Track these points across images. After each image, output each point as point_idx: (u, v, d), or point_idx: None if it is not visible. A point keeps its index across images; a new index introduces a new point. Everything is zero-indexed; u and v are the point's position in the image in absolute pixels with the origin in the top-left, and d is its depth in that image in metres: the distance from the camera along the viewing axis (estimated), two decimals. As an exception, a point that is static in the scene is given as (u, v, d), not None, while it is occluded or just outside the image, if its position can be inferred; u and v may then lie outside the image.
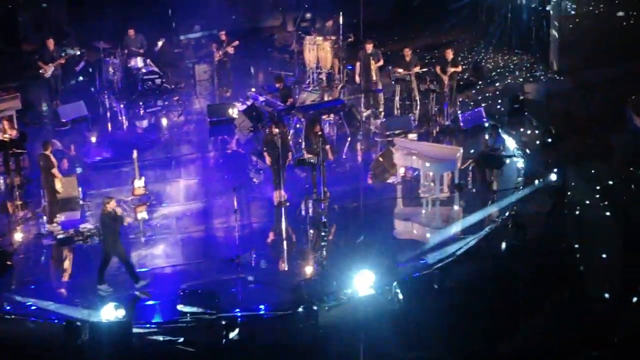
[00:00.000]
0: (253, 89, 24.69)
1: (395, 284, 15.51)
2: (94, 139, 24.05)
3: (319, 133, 19.53)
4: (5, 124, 20.94)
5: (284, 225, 19.02)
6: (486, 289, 15.98)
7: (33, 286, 16.65)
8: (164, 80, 26.54)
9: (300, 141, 21.45)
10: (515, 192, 19.51)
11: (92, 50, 27.46)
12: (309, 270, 17.26)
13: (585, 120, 22.65)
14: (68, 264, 17.86)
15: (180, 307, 15.32)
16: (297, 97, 24.43)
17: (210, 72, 27.72)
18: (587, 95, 24.02)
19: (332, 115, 23.39)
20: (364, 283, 15.58)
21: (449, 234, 18.07)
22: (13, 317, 15.63)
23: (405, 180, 20.47)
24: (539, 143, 21.97)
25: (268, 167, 19.76)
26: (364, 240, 17.87)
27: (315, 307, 14.98)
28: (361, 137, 23.50)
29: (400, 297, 15.33)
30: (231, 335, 14.61)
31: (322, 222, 18.50)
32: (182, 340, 14.78)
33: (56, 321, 15.30)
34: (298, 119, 22.51)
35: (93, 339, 14.32)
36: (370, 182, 20.80)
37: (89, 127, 24.50)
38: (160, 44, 27.37)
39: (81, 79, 27.60)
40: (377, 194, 20.34)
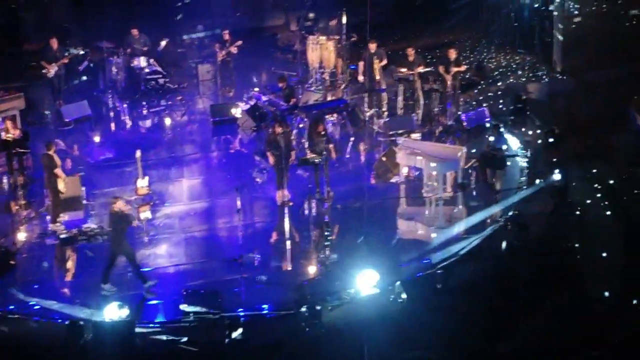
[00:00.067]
0: (256, 89, 24.69)
1: (398, 284, 15.52)
2: (97, 139, 24.08)
3: (322, 133, 19.55)
4: (8, 124, 20.97)
5: (287, 225, 19.04)
6: (486, 289, 16.01)
7: (36, 285, 16.68)
8: (167, 80, 26.57)
9: (303, 141, 21.47)
10: (518, 192, 19.50)
11: (95, 50, 27.44)
12: (312, 270, 17.29)
13: (588, 120, 22.62)
14: (71, 264, 17.90)
15: (183, 307, 15.33)
16: (300, 96, 24.44)
17: (213, 71, 27.71)
18: (590, 95, 24.01)
19: (335, 114, 23.41)
20: (367, 283, 15.60)
21: (452, 234, 18.07)
22: (16, 316, 15.65)
23: (408, 180, 20.48)
24: (541, 143, 21.96)
25: (271, 166, 19.78)
26: (367, 240, 17.86)
27: (318, 307, 14.99)
28: (364, 136, 23.51)
29: (404, 296, 15.33)
30: (234, 335, 14.62)
31: (325, 221, 18.51)
32: (185, 340, 14.80)
33: (59, 321, 15.31)
34: (301, 119, 22.51)
35: (96, 338, 14.34)
36: (374, 182, 20.81)
37: (92, 126, 24.56)
38: (163, 43, 27.38)
39: (84, 78, 27.61)
40: (380, 193, 20.34)
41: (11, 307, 15.88)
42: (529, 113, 23.74)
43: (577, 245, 17.49)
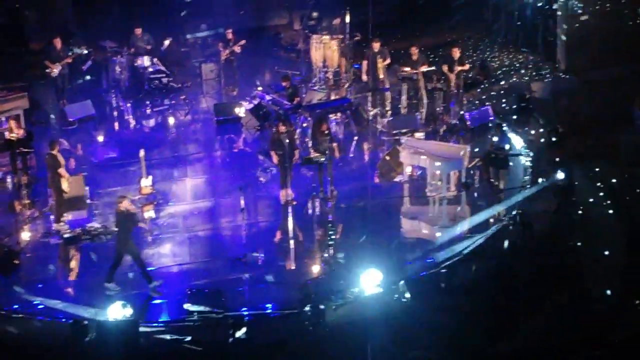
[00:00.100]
0: (260, 88, 24.69)
1: (402, 283, 15.51)
2: (100, 138, 24.08)
3: (325, 132, 19.56)
4: (12, 124, 21.00)
5: (290, 224, 19.04)
6: (489, 288, 16.00)
7: (40, 285, 16.69)
8: (171, 79, 26.56)
9: (307, 140, 21.48)
10: (522, 191, 19.48)
11: (98, 49, 27.46)
12: (315, 269, 17.29)
13: (592, 119, 22.60)
14: (75, 263, 17.91)
15: (187, 306, 15.33)
16: (303, 95, 24.42)
17: (217, 71, 27.73)
18: (594, 94, 23.98)
19: (338, 114, 23.40)
20: (371, 282, 15.59)
21: (456, 233, 18.06)
22: (20, 315, 15.66)
23: (412, 179, 20.47)
24: (545, 142, 21.93)
25: (275, 166, 19.79)
26: (371, 239, 17.86)
27: (322, 306, 14.99)
28: (368, 136, 23.50)
29: (407, 296, 15.33)
30: (238, 334, 14.62)
31: (328, 221, 18.51)
32: (189, 339, 14.80)
33: (63, 320, 15.31)
34: (305, 118, 22.51)
35: (100, 337, 14.34)
36: (377, 181, 20.81)
37: (95, 126, 24.56)
38: (167, 42, 27.37)
39: (88, 78, 27.58)
40: (383, 192, 20.35)
41: (15, 306, 15.89)
42: (533, 112, 23.70)
43: (579, 245, 17.48)
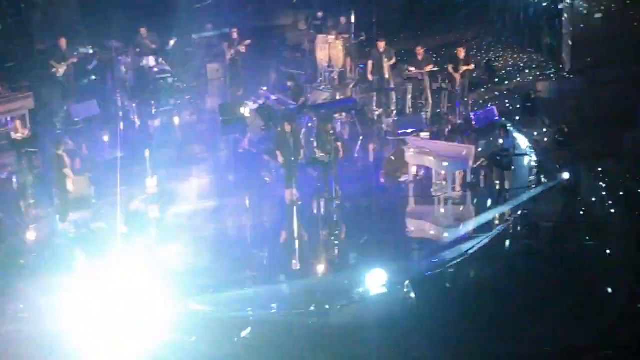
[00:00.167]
0: (265, 88, 24.70)
1: (407, 283, 15.50)
2: (106, 138, 24.09)
3: (330, 132, 19.55)
4: (17, 123, 21.03)
5: (295, 224, 19.03)
6: (495, 288, 15.97)
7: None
8: (176, 79, 26.58)
9: (312, 140, 21.47)
10: (527, 191, 19.47)
11: (104, 49, 27.51)
12: (320, 268, 17.28)
13: (597, 119, 22.57)
14: (80, 263, 17.91)
15: (191, 306, 15.33)
16: (309, 95, 24.44)
17: (222, 70, 27.76)
18: (599, 94, 23.95)
19: (344, 114, 23.41)
20: (376, 282, 15.58)
21: (461, 233, 18.05)
22: (26, 314, 15.67)
23: (417, 179, 20.46)
24: (550, 142, 21.91)
25: (280, 165, 19.79)
26: (376, 238, 17.85)
27: (327, 306, 14.98)
28: (373, 136, 23.50)
29: (412, 296, 15.32)
30: (243, 334, 14.61)
31: (334, 220, 18.50)
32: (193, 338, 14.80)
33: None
34: (310, 118, 22.51)
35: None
36: (382, 181, 20.80)
37: (101, 126, 24.57)
38: (172, 42, 27.41)
39: (93, 78, 27.62)
40: (389, 192, 20.34)
41: (20, 306, 15.90)
42: (538, 112, 23.68)
43: (586, 245, 17.44)
